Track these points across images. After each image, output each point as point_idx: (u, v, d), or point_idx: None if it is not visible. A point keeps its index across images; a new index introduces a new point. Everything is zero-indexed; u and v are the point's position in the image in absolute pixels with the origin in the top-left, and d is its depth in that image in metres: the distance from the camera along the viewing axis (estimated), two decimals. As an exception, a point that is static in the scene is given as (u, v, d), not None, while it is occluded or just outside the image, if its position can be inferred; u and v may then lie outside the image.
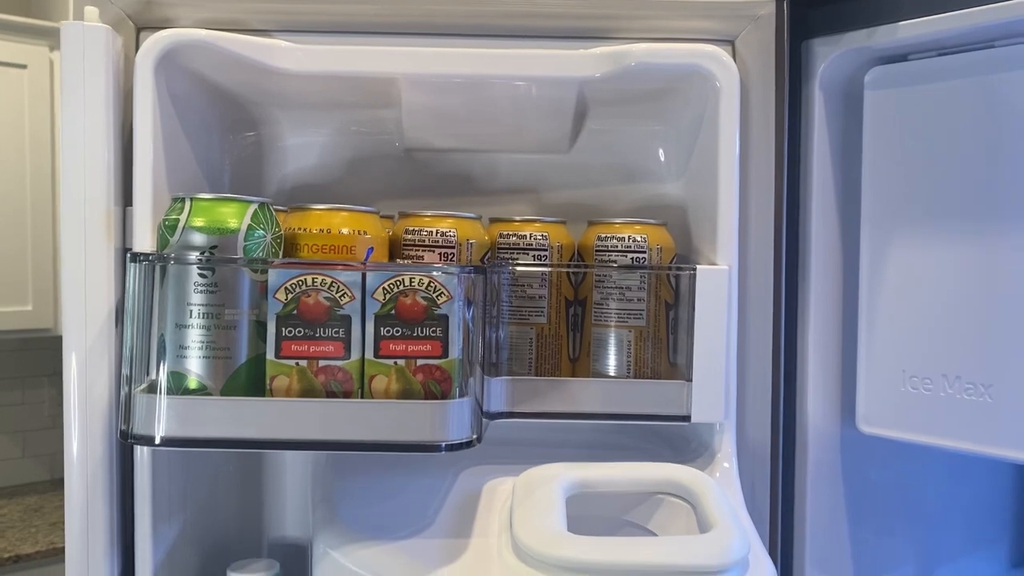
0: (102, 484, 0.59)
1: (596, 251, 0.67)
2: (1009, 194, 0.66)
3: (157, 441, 0.51)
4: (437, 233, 0.63)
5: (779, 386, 0.69)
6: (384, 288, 0.54)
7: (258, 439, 0.52)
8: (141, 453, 0.59)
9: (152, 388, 0.52)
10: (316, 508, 0.63)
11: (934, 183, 0.69)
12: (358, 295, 0.54)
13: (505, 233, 0.67)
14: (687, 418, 0.65)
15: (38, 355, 2.60)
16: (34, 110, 2.25)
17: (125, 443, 0.54)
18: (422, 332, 0.54)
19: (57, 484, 2.62)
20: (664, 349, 0.68)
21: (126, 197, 0.61)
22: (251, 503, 0.74)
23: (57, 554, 2.07)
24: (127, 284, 0.54)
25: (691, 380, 0.65)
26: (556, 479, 0.61)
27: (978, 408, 0.68)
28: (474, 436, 0.56)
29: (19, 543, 2.09)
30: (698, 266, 0.64)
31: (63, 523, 2.00)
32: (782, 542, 0.75)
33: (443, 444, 0.54)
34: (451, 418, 0.54)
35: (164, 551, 0.63)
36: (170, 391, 0.52)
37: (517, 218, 0.67)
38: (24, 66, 2.22)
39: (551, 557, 0.53)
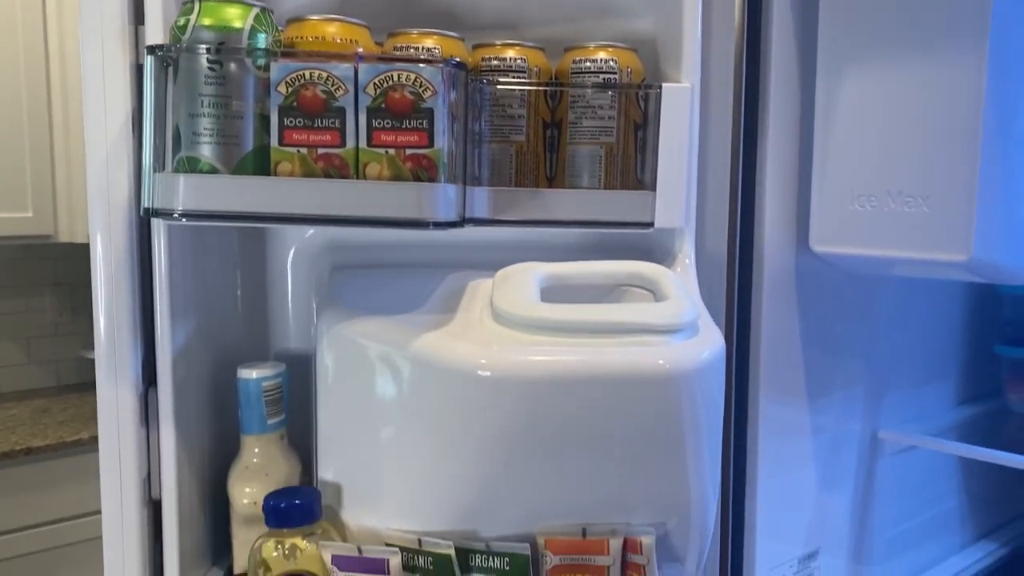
0: (125, 270, 0.66)
1: (571, 74, 0.73)
2: (947, 19, 0.72)
3: (177, 214, 0.58)
4: (423, 49, 0.69)
5: (736, 201, 0.76)
6: (375, 83, 0.60)
7: (266, 213, 0.59)
8: (159, 243, 0.66)
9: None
10: (319, 302, 0.70)
11: (884, 14, 0.75)
12: (351, 89, 0.60)
13: (487, 57, 0.73)
14: (650, 224, 0.72)
15: (39, 264, 2.66)
16: (27, 14, 2.26)
17: (148, 219, 0.60)
18: (410, 124, 0.61)
19: (63, 389, 2.70)
20: (632, 167, 0.74)
21: (138, 17, 0.67)
22: (257, 320, 0.81)
23: (66, 447, 2.17)
24: (144, 80, 0.60)
25: (655, 190, 0.71)
26: (531, 270, 0.68)
27: (917, 218, 0.75)
28: (459, 219, 0.62)
29: (29, 438, 2.18)
30: (664, 84, 0.71)
31: (70, 422, 2.07)
32: (737, 353, 0.83)
33: (431, 222, 0.60)
34: (438, 199, 0.60)
35: (182, 342, 0.70)
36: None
37: (498, 42, 0.73)
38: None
39: (525, 318, 0.61)
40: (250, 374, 0.73)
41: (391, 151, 0.61)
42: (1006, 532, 1.17)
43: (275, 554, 0.62)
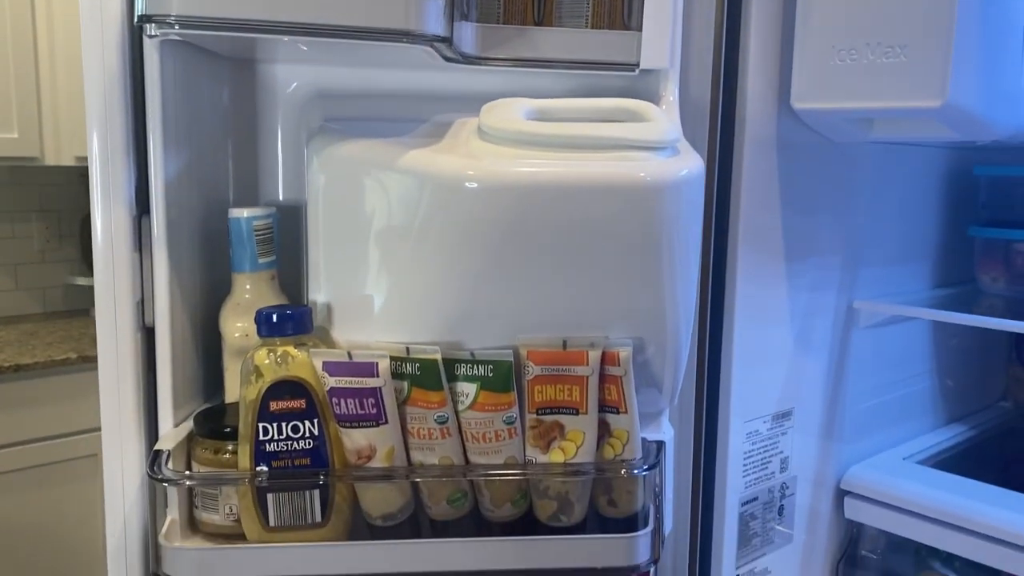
0: (118, 90, 0.67)
1: (559, -84, 0.74)
2: None
3: (171, 18, 0.59)
4: None
5: (721, 50, 0.78)
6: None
7: (258, 20, 0.59)
8: (152, 66, 0.67)
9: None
10: (308, 152, 0.72)
11: None
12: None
13: None
14: (636, 65, 0.73)
15: (26, 189, 2.65)
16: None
17: (142, 26, 0.61)
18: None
19: (50, 316, 2.71)
20: (619, 10, 0.75)
21: None
22: (247, 171, 0.82)
23: (54, 365, 2.18)
24: None
25: (641, 31, 0.73)
26: (518, 102, 0.69)
27: (895, 68, 0.77)
28: (447, 35, 0.64)
29: (17, 356, 2.19)
30: (650, -77, 0.72)
31: (59, 343, 2.08)
32: (717, 206, 0.85)
33: (420, 34, 0.62)
34: (428, 10, 0.62)
35: (174, 173, 0.71)
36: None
37: None
38: None
39: (511, 131, 0.63)
40: (241, 213, 0.75)
41: (381, -32, 0.62)
42: (974, 419, 1.21)
43: (267, 361, 0.64)
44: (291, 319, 0.65)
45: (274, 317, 0.65)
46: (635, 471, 0.66)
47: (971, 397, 1.24)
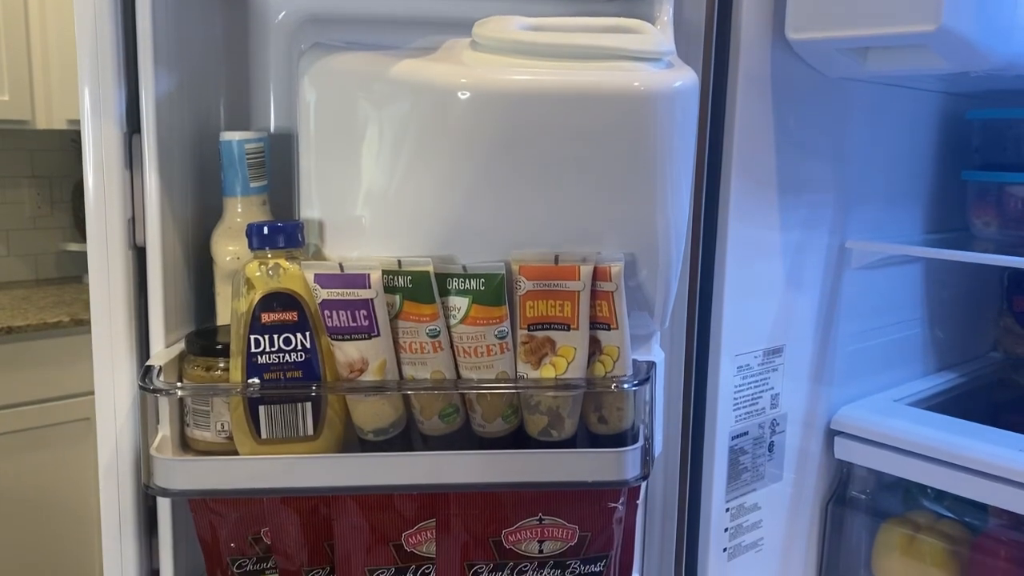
0: (108, 10, 0.67)
1: None
2: None
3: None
4: None
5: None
6: None
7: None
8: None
9: None
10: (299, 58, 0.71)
11: None
12: None
13: None
14: (631, -13, 0.73)
15: (17, 155, 2.63)
16: None
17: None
18: None
19: (42, 283, 2.70)
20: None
21: None
22: (240, 99, 0.82)
23: (47, 328, 2.17)
24: None
25: (636, -47, 0.73)
26: (512, 18, 0.69)
27: (889, -6, 0.76)
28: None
29: (10, 319, 2.18)
30: None
31: (52, 307, 2.07)
32: (711, 135, 0.85)
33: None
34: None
35: (164, 92, 0.71)
36: None
37: None
38: None
39: (505, 40, 0.62)
40: (232, 136, 0.75)
41: None
42: (965, 367, 1.22)
43: (258, 273, 0.64)
44: (282, 231, 0.65)
45: (265, 229, 0.65)
46: (625, 385, 0.66)
47: (961, 347, 1.24)
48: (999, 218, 1.04)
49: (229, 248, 0.75)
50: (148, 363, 0.69)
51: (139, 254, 0.73)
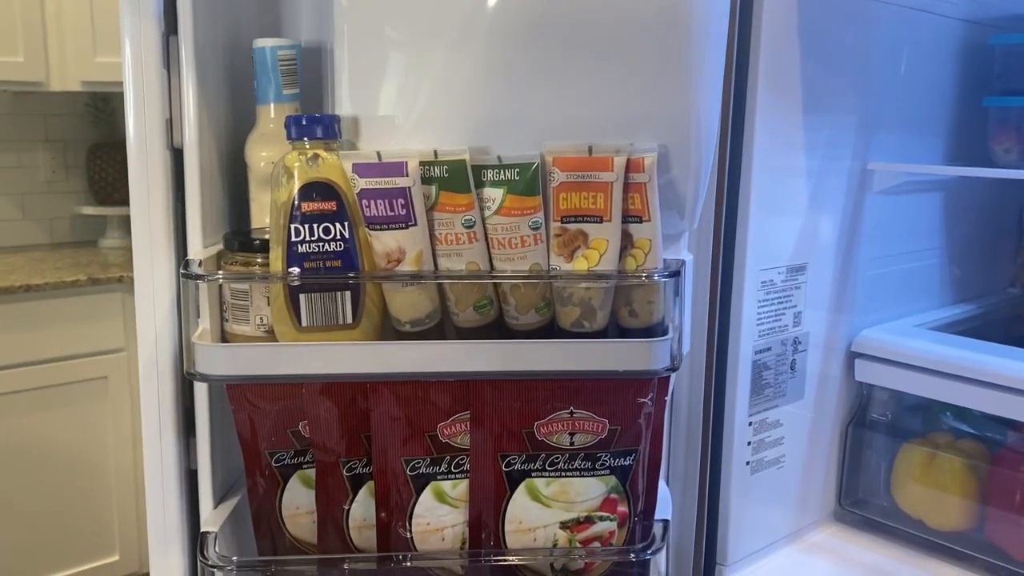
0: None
1: None
2: None
3: None
4: None
5: None
6: None
7: None
8: None
9: None
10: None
11: None
12: None
13: None
14: None
15: (32, 119, 2.64)
16: None
17: None
18: None
19: (57, 247, 2.72)
20: None
21: None
22: (271, 7, 0.83)
23: (64, 287, 2.19)
24: None
25: None
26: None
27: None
28: None
29: (28, 278, 2.20)
30: None
31: (68, 267, 2.08)
32: (738, 46, 0.85)
33: None
34: None
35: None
36: None
37: None
38: None
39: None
40: (266, 43, 0.76)
41: None
42: (982, 301, 1.23)
43: (297, 163, 0.65)
44: (319, 122, 0.66)
45: (304, 120, 0.66)
46: (656, 276, 0.67)
47: (979, 283, 1.25)
48: (1020, 145, 1.04)
49: (263, 154, 0.76)
50: (187, 259, 0.71)
51: (176, 156, 0.74)
